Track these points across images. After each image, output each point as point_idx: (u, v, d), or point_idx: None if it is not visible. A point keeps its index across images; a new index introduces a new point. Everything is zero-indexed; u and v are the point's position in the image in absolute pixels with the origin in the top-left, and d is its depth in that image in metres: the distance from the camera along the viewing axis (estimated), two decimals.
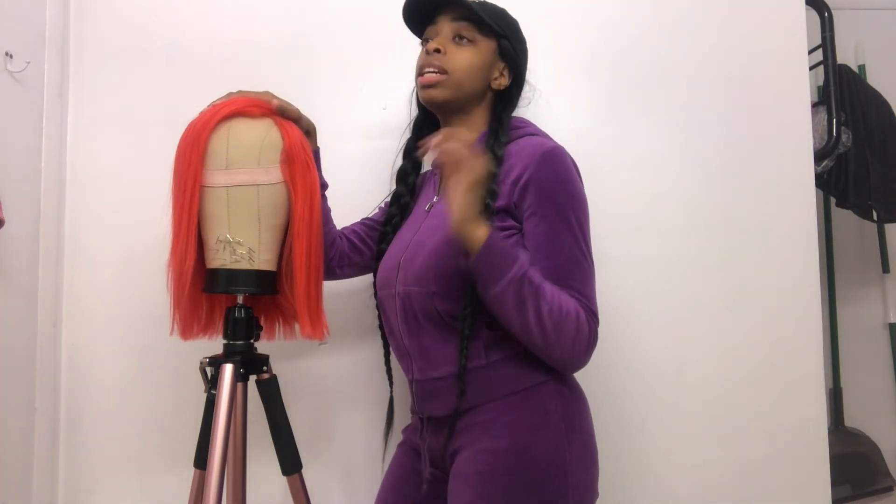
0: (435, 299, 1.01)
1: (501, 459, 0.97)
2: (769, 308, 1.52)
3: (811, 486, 1.50)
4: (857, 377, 2.50)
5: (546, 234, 0.99)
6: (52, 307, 1.43)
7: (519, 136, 1.11)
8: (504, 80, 1.14)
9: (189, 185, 1.05)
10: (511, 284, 0.93)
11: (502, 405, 1.00)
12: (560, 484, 0.96)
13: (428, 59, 1.09)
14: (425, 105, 1.15)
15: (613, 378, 1.47)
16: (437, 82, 1.08)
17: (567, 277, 0.98)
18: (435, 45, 1.08)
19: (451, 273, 0.98)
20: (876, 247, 2.58)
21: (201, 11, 1.52)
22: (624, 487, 1.46)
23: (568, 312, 0.95)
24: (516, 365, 1.01)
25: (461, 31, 1.09)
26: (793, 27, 1.59)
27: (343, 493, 1.46)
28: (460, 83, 1.09)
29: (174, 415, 1.43)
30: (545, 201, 1.00)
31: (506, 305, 0.94)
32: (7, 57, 1.32)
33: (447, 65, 1.08)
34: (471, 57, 1.09)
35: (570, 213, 1.00)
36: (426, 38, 1.14)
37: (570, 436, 0.99)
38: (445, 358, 1.02)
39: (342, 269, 1.27)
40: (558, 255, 0.98)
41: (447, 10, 1.10)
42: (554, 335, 0.94)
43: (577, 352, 0.97)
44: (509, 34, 1.12)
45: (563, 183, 1.01)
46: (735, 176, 1.55)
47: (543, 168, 1.01)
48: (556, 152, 1.03)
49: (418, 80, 1.11)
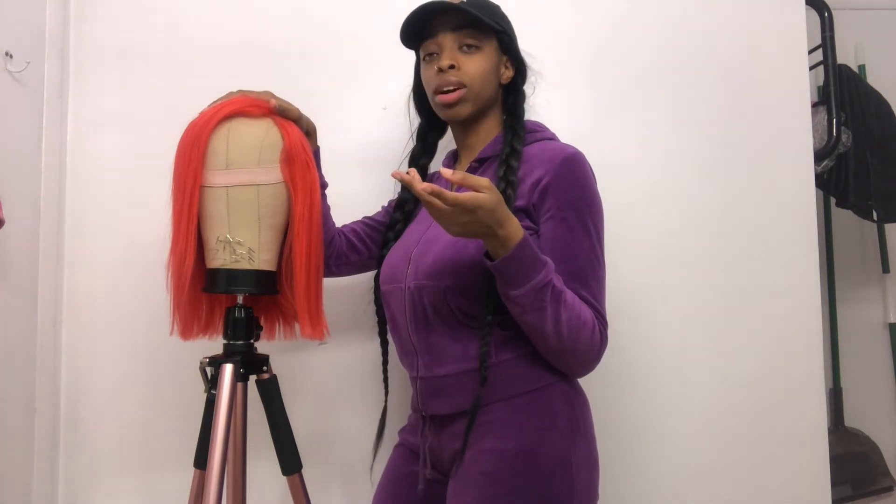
0: (448, 294, 1.00)
1: (507, 460, 0.97)
2: (769, 308, 1.52)
3: (811, 486, 1.50)
4: (857, 377, 2.49)
5: (564, 238, 0.99)
6: (52, 307, 1.43)
7: (536, 139, 1.11)
8: (509, 72, 1.14)
9: (189, 185, 1.05)
10: (533, 289, 0.92)
11: (509, 405, 1.00)
12: (565, 486, 0.96)
13: (444, 77, 1.07)
14: (448, 121, 1.15)
15: (613, 378, 1.47)
16: (460, 99, 1.07)
17: (582, 283, 0.98)
18: (448, 62, 1.06)
19: (468, 268, 0.98)
20: (876, 247, 2.58)
21: (201, 11, 1.52)
22: (624, 487, 1.46)
23: (585, 322, 0.95)
24: (525, 365, 1.01)
25: (465, 39, 1.07)
26: (793, 27, 1.59)
27: (343, 493, 1.46)
28: (480, 93, 1.08)
29: (174, 415, 1.43)
30: (565, 205, 1.00)
31: (525, 307, 0.94)
32: (7, 57, 1.32)
33: (464, 78, 1.06)
34: (483, 63, 1.08)
35: (589, 218, 1.01)
36: (429, 53, 1.11)
37: (575, 438, 0.99)
38: (453, 355, 1.02)
39: (339, 267, 1.26)
40: (575, 260, 0.99)
41: (444, 20, 1.08)
42: (570, 342, 0.95)
43: (589, 359, 0.99)
44: (505, 26, 1.12)
45: (583, 189, 1.02)
46: (735, 176, 1.55)
47: (564, 172, 1.01)
48: (577, 157, 1.03)
49: (438, 99, 1.08)
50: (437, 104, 1.10)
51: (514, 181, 1.02)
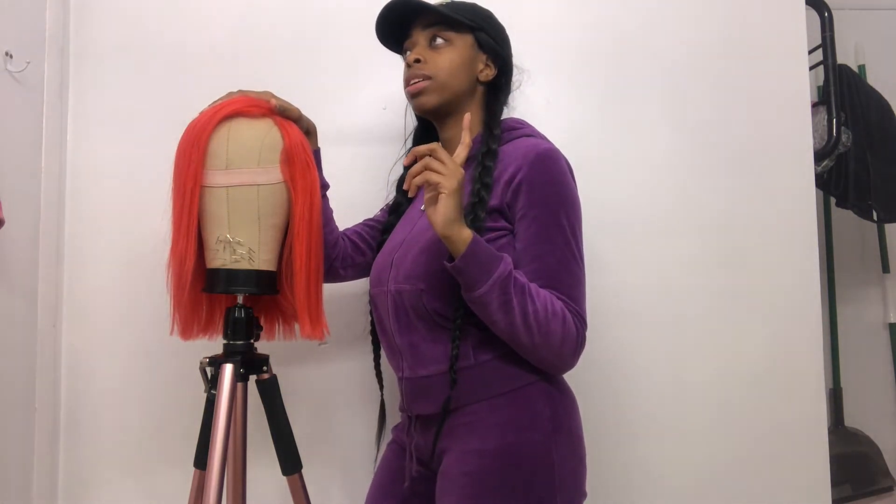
0: (424, 297, 1.01)
1: (488, 460, 0.97)
2: (769, 308, 1.52)
3: (811, 486, 1.50)
4: (857, 377, 2.50)
5: (537, 236, 0.99)
6: (52, 307, 1.43)
7: (515, 136, 1.10)
8: (490, 70, 1.14)
9: (189, 185, 1.05)
10: (496, 284, 0.92)
11: (490, 406, 1.00)
12: (547, 485, 0.96)
13: (411, 70, 1.10)
14: (420, 114, 1.16)
15: (613, 378, 1.47)
16: (424, 89, 1.09)
17: (555, 280, 0.98)
18: (414, 56, 1.09)
19: (441, 271, 0.98)
20: (876, 247, 2.58)
21: (201, 11, 1.52)
22: (624, 487, 1.46)
23: (555, 313, 0.95)
24: (505, 365, 1.01)
25: (435, 34, 1.10)
26: (793, 27, 1.59)
27: (343, 493, 1.46)
28: (445, 84, 1.09)
29: (174, 415, 1.43)
30: (537, 203, 0.99)
31: (491, 306, 0.93)
32: (7, 57, 1.32)
33: (429, 70, 1.08)
34: (450, 56, 1.09)
35: (563, 215, 1.00)
36: (405, 50, 1.15)
37: (556, 436, 0.99)
38: (435, 356, 1.03)
39: (345, 269, 1.27)
40: (548, 257, 0.98)
41: (418, 20, 1.11)
42: (540, 336, 0.94)
43: (565, 353, 0.97)
44: (484, 25, 1.12)
45: (556, 185, 1.01)
46: (735, 176, 1.55)
47: (537, 169, 1.01)
48: (550, 153, 1.03)
49: (406, 91, 1.12)
50: (407, 96, 1.13)
51: (488, 182, 1.02)
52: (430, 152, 0.93)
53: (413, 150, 0.96)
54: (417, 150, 0.94)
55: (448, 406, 1.00)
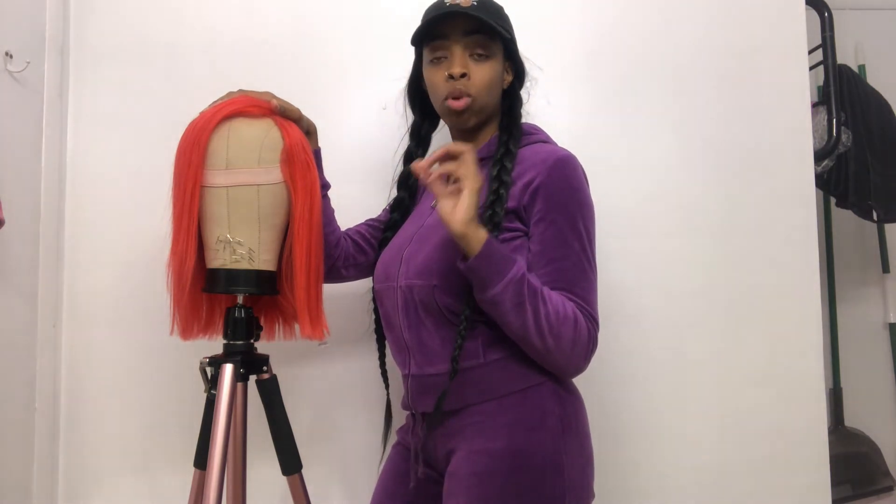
0: (436, 293, 1.01)
1: (497, 460, 0.97)
2: (769, 308, 1.52)
3: (811, 486, 1.50)
4: (857, 377, 2.49)
5: (553, 240, 0.99)
6: (52, 307, 1.43)
7: (531, 141, 1.11)
8: (509, 77, 1.15)
9: (189, 185, 1.05)
10: (510, 286, 0.93)
11: (498, 405, 1.00)
12: (556, 485, 0.96)
13: (455, 85, 1.06)
14: (455, 129, 1.15)
15: (613, 378, 1.47)
16: (467, 108, 1.07)
17: (570, 284, 0.98)
18: (460, 70, 1.05)
19: (454, 268, 0.98)
20: (876, 247, 2.58)
21: (201, 11, 1.52)
22: (624, 488, 1.46)
23: (567, 316, 0.95)
24: (514, 365, 1.01)
25: (477, 47, 1.07)
26: (793, 27, 1.59)
27: (343, 493, 1.46)
28: (485, 105, 1.09)
29: (174, 415, 1.43)
30: (555, 207, 1.00)
31: (504, 307, 0.94)
32: (7, 57, 1.32)
33: (472, 89, 1.06)
34: (491, 73, 1.08)
35: (579, 220, 1.01)
36: (437, 56, 1.09)
37: (566, 437, 0.99)
38: (443, 354, 1.02)
39: (348, 269, 1.27)
40: (563, 261, 0.99)
41: (455, 23, 1.06)
42: (552, 339, 0.95)
43: (576, 357, 0.98)
44: (511, 32, 1.12)
45: (573, 191, 1.02)
46: (735, 176, 1.55)
47: (555, 174, 1.01)
48: (568, 160, 1.04)
49: (448, 104, 1.07)
50: (445, 108, 1.10)
51: (507, 181, 1.03)
52: (465, 152, 0.94)
53: (448, 146, 0.96)
54: (454, 149, 0.95)
55: (442, 401, 1.00)
